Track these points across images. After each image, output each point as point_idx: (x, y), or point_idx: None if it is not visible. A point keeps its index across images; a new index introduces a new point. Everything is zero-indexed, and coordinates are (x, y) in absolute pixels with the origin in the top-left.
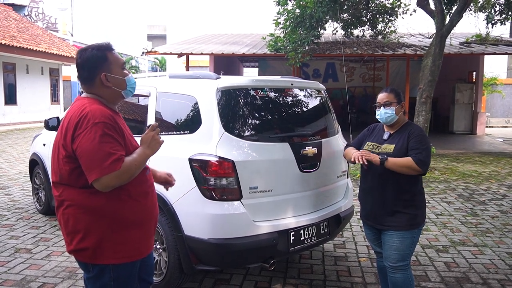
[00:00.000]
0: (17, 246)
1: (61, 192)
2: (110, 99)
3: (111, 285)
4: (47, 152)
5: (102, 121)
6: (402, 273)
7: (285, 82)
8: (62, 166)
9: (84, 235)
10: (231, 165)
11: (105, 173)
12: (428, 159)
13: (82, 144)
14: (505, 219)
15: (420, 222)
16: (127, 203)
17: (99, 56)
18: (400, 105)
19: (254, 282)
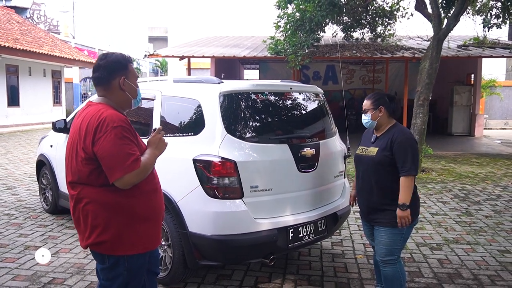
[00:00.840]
0: (26, 244)
1: (80, 191)
2: (121, 104)
3: (124, 275)
4: (54, 153)
5: (120, 125)
6: (391, 267)
7: (284, 86)
8: (81, 167)
9: (103, 229)
10: (233, 165)
11: (127, 172)
12: (414, 164)
13: (104, 147)
14: (498, 218)
15: (412, 219)
16: (139, 199)
17: (122, 62)
18: (378, 110)
19: (255, 277)
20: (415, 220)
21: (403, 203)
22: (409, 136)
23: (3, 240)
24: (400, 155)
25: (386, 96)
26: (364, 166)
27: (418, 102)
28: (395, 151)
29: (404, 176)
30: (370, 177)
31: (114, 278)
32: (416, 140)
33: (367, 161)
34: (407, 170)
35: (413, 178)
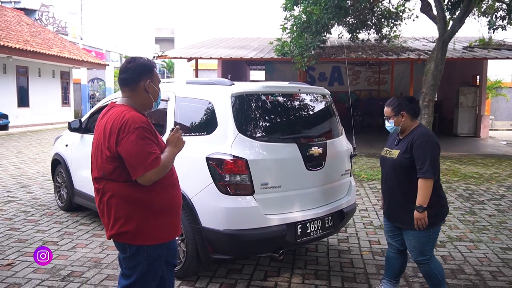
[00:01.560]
0: (44, 239)
1: (104, 185)
2: (143, 105)
3: (144, 264)
4: (70, 153)
5: (141, 126)
6: (425, 266)
7: (293, 88)
8: (105, 164)
9: (125, 220)
10: (244, 163)
11: (148, 169)
12: (432, 166)
13: (126, 147)
14: (501, 217)
15: (435, 222)
16: (159, 193)
17: (148, 66)
18: (400, 115)
19: (264, 271)
20: (442, 221)
21: (420, 205)
22: (429, 139)
23: (22, 236)
24: (419, 157)
25: (405, 99)
26: (387, 168)
27: (424, 103)
28: (414, 153)
29: (421, 178)
30: (392, 179)
31: (134, 267)
32: (437, 143)
33: (389, 163)
34: (424, 172)
35: (431, 180)
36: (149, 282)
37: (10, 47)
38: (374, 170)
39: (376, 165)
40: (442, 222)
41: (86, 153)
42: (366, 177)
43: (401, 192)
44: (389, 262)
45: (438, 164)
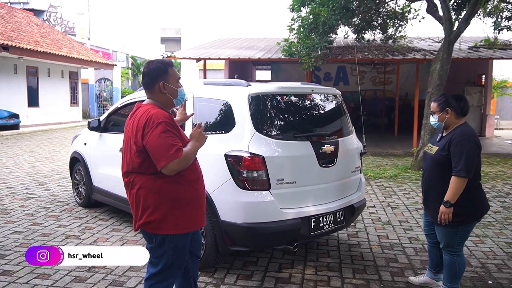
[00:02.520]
0: (66, 233)
1: (133, 179)
2: (165, 104)
3: (169, 253)
4: (88, 151)
5: (163, 121)
6: (449, 256)
7: (306, 89)
8: (134, 159)
9: (152, 210)
10: (261, 160)
11: (170, 160)
12: (467, 166)
13: (150, 140)
14: (506, 213)
15: (464, 221)
16: (184, 186)
17: (162, 68)
18: (445, 112)
19: (278, 264)
20: (475, 221)
21: (447, 200)
22: (468, 138)
23: (45, 230)
24: (455, 155)
25: (453, 96)
26: (426, 163)
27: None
28: (451, 151)
29: (454, 176)
30: (430, 174)
31: (161, 256)
32: (477, 143)
33: (429, 158)
34: (457, 171)
35: (464, 179)
36: (175, 271)
37: (21, 47)
38: (381, 168)
39: (382, 163)
40: (475, 221)
41: (104, 151)
42: (373, 176)
43: (436, 187)
44: (429, 253)
45: (474, 164)
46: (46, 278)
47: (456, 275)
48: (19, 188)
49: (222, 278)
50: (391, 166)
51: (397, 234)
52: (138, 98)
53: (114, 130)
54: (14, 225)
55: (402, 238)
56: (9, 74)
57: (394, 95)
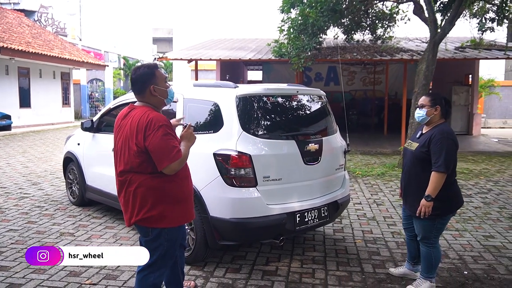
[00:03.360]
0: (61, 231)
1: (130, 177)
2: (156, 105)
3: (164, 245)
4: (82, 151)
5: (164, 124)
6: (426, 247)
7: (291, 90)
8: (133, 159)
9: (150, 207)
10: (248, 158)
11: (173, 161)
12: (446, 162)
13: (153, 142)
14: (486, 209)
15: (441, 214)
16: (177, 183)
17: (149, 73)
18: (434, 108)
19: (266, 258)
20: (450, 214)
21: (428, 195)
22: (447, 136)
23: (40, 228)
24: (435, 152)
25: (444, 98)
26: (407, 158)
27: (416, 102)
28: (431, 148)
29: (434, 171)
30: (410, 169)
31: (156, 248)
32: (454, 140)
33: (409, 154)
34: (437, 166)
35: (443, 174)
36: (167, 260)
37: (13, 49)
38: (369, 167)
39: (371, 162)
40: (450, 215)
41: (97, 151)
42: (360, 174)
43: (415, 182)
44: (407, 246)
45: (453, 161)
46: (41, 272)
47: (432, 265)
48: (13, 188)
49: (211, 271)
50: (379, 164)
51: (381, 229)
52: (131, 99)
53: (107, 130)
54: (9, 224)
55: (386, 232)
56: (1, 75)
57: (384, 95)
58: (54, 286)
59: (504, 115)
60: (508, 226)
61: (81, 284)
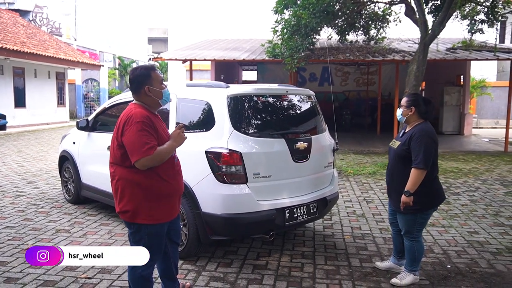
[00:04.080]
0: (56, 228)
1: (115, 170)
2: (151, 105)
3: (145, 239)
4: (77, 150)
5: (141, 121)
6: (410, 241)
7: (281, 90)
8: (116, 151)
9: (127, 201)
10: (239, 156)
11: (142, 156)
12: (425, 160)
13: (127, 136)
14: (473, 206)
15: (421, 209)
16: (158, 181)
17: (145, 74)
18: (409, 109)
19: (257, 253)
20: (431, 209)
21: (407, 190)
22: (426, 134)
23: (36, 225)
24: (414, 149)
25: (423, 99)
26: (390, 156)
27: None
28: (411, 146)
29: (414, 168)
30: (392, 166)
31: (138, 241)
32: (433, 138)
33: (392, 152)
34: (417, 163)
35: (422, 171)
36: (153, 256)
37: (8, 49)
38: (361, 166)
39: (363, 161)
40: (431, 210)
41: (93, 150)
42: (352, 172)
43: (398, 179)
44: (393, 241)
45: (431, 158)
46: (38, 267)
47: (416, 259)
48: (9, 186)
49: (203, 266)
50: (371, 163)
51: (370, 225)
52: (125, 99)
53: (102, 129)
54: (5, 221)
55: (374, 229)
56: None
57: (377, 95)
58: (51, 280)
59: (496, 116)
60: (493, 223)
61: (76, 278)
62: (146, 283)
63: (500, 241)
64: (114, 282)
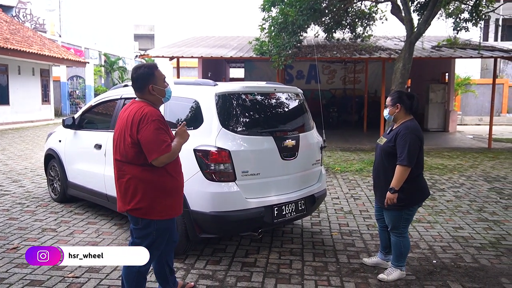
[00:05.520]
0: (43, 227)
1: (124, 168)
2: (154, 102)
3: (153, 235)
4: (63, 148)
5: (157, 119)
6: (396, 237)
7: (269, 88)
8: (128, 150)
9: (140, 198)
10: (227, 154)
11: (161, 154)
12: (409, 157)
13: (144, 135)
14: (458, 202)
15: (406, 205)
16: (168, 178)
17: (149, 73)
18: (395, 107)
19: (245, 250)
20: (416, 205)
21: (392, 187)
22: (411, 131)
23: (21, 224)
24: (400, 146)
25: (406, 94)
26: (377, 153)
27: None
28: (397, 143)
29: (398, 165)
30: (378, 163)
31: (144, 236)
32: (418, 136)
33: (378, 149)
34: (401, 160)
35: (406, 168)
36: (154, 251)
37: None
38: (348, 163)
39: (350, 158)
40: (416, 206)
41: (79, 148)
42: (339, 170)
43: (384, 175)
44: (380, 236)
45: (416, 155)
46: (24, 267)
47: (402, 254)
48: None
49: (192, 264)
50: (358, 160)
51: (357, 222)
52: (112, 96)
53: (88, 127)
54: None
55: (361, 225)
56: None
57: (364, 92)
58: (37, 280)
59: (480, 113)
60: (477, 218)
61: (64, 277)
62: (141, 280)
63: (484, 236)
64: (102, 281)
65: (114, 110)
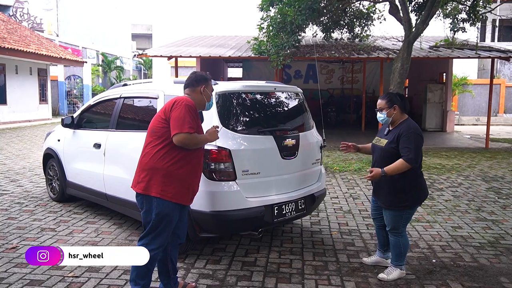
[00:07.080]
0: (41, 226)
1: (145, 148)
2: (198, 104)
3: (154, 218)
4: (62, 147)
5: (188, 104)
6: (395, 237)
7: (269, 87)
8: (157, 125)
9: (146, 174)
10: (227, 153)
11: (182, 131)
12: (416, 156)
13: (174, 113)
14: (456, 202)
15: (409, 205)
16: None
17: (205, 77)
18: (392, 108)
19: (245, 250)
20: (416, 205)
21: (385, 171)
22: (414, 131)
23: (20, 224)
24: (405, 146)
25: (397, 95)
26: (376, 153)
27: None
28: (400, 143)
29: (405, 161)
30: (379, 164)
31: (147, 219)
32: (421, 135)
33: (378, 150)
34: (409, 158)
35: (408, 166)
36: (161, 233)
37: None
38: (346, 162)
39: (348, 157)
40: (416, 206)
41: (78, 147)
42: (338, 169)
43: (385, 176)
44: (377, 235)
45: (421, 154)
46: (24, 267)
47: (401, 253)
48: None
49: (192, 263)
50: (356, 160)
51: (356, 221)
52: (111, 96)
53: (87, 127)
54: None
55: (360, 225)
56: None
57: (362, 92)
58: (37, 280)
59: (477, 113)
60: (476, 218)
61: (63, 277)
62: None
63: (483, 235)
64: (102, 280)
65: (113, 110)
